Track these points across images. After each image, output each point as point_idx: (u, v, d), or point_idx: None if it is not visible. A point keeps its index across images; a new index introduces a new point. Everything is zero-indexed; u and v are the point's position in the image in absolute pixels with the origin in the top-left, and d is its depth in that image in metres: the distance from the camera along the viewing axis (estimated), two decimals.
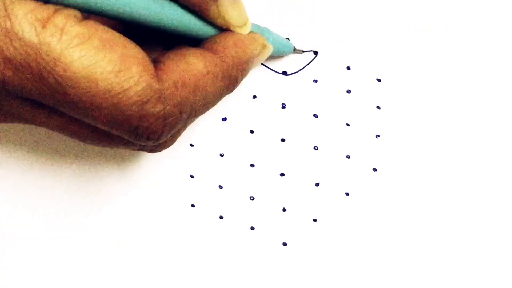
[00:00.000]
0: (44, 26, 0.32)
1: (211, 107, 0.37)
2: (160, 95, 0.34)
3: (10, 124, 0.46)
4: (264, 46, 0.40)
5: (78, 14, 0.33)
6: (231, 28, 0.38)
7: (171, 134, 0.36)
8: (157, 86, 0.34)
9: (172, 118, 0.35)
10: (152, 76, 0.34)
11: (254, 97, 0.45)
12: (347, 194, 0.45)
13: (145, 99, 0.33)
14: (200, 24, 0.38)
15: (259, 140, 0.45)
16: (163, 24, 0.36)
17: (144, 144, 0.36)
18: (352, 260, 0.45)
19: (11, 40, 0.32)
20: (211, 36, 0.38)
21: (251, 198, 0.45)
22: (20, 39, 0.32)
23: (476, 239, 0.45)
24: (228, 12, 0.37)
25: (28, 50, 0.32)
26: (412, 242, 0.45)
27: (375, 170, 0.45)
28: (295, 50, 0.44)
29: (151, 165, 0.45)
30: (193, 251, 0.45)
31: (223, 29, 0.38)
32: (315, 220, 0.45)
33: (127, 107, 0.33)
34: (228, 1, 0.37)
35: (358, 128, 0.45)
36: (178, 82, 0.35)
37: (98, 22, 0.34)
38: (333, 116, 0.45)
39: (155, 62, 0.35)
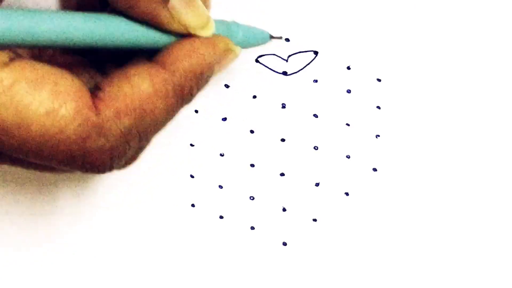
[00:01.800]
0: None
1: (165, 125, 0.35)
2: (101, 128, 0.32)
3: None
4: (227, 50, 0.36)
5: (5, 58, 0.31)
6: (191, 31, 0.35)
7: (122, 162, 0.34)
8: (95, 119, 0.32)
9: (118, 149, 0.33)
10: (89, 109, 0.32)
11: (254, 97, 0.45)
12: (347, 194, 0.45)
13: (84, 136, 0.31)
14: (155, 35, 0.35)
15: (259, 140, 0.45)
16: (112, 44, 0.34)
17: (98, 173, 0.34)
18: (352, 260, 0.45)
19: None
20: (165, 46, 0.35)
21: (251, 198, 0.45)
22: None
23: (476, 239, 0.45)
24: (182, 14, 0.34)
25: None
26: (412, 242, 0.45)
27: (375, 170, 0.45)
28: (271, 38, 0.42)
29: (151, 165, 0.45)
30: (193, 251, 0.45)
31: (183, 34, 0.35)
32: (315, 220, 0.45)
33: (68, 146, 0.31)
34: (180, 2, 0.34)
35: (358, 128, 0.45)
36: (120, 110, 0.32)
37: (26, 59, 0.32)
38: (333, 116, 0.45)
39: (96, 89, 0.33)
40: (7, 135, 0.31)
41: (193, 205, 0.45)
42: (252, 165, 0.45)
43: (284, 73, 0.45)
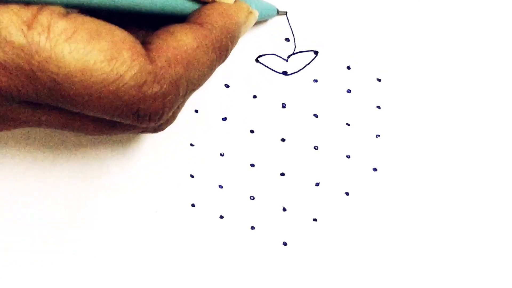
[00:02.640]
0: (30, 27, 0.32)
1: (206, 79, 0.37)
2: (155, 75, 0.34)
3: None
4: (249, 13, 0.40)
5: (61, 9, 0.33)
6: (216, 0, 0.38)
7: (172, 111, 0.36)
8: (150, 67, 0.34)
9: (170, 96, 0.35)
10: (144, 58, 0.34)
11: (254, 97, 0.45)
12: (347, 194, 0.45)
13: (141, 82, 0.34)
14: (182, 1, 0.38)
15: (259, 140, 0.45)
16: (145, 7, 0.36)
17: (146, 126, 0.36)
18: (352, 260, 0.45)
19: (0, 45, 0.32)
20: (195, 10, 0.38)
21: (251, 198, 0.45)
22: (8, 43, 0.32)
23: (476, 239, 0.45)
24: None
25: (19, 52, 0.32)
26: (412, 242, 0.45)
27: (375, 170, 0.45)
28: (278, 13, 0.44)
29: (151, 165, 0.45)
30: (193, 251, 0.45)
31: (206, 2, 0.38)
32: (315, 220, 0.45)
33: (125, 92, 0.33)
34: None
35: (358, 128, 0.45)
36: (170, 59, 0.35)
37: (81, 14, 0.34)
38: (333, 116, 0.45)
39: (144, 44, 0.35)
40: (70, 82, 0.32)
41: (193, 205, 0.45)
42: (252, 165, 0.45)
43: (284, 73, 0.45)
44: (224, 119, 0.45)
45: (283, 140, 0.45)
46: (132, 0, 0.35)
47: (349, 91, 0.45)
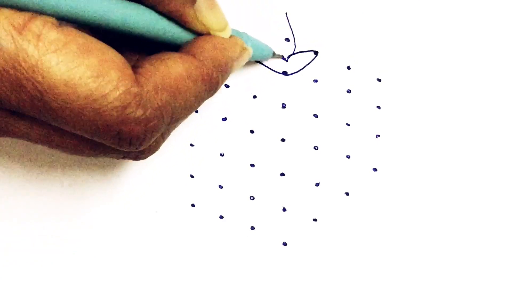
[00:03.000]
0: (20, 33, 0.32)
1: (192, 111, 0.37)
2: (140, 99, 0.33)
3: None
4: (243, 49, 0.39)
5: (54, 20, 0.33)
6: (211, 32, 0.38)
7: (154, 139, 0.35)
8: (136, 90, 0.33)
9: (153, 122, 0.34)
10: (131, 80, 0.33)
11: (254, 97, 0.45)
12: (347, 194, 0.45)
13: (125, 104, 0.33)
14: (178, 30, 0.37)
15: (259, 140, 0.45)
16: (140, 32, 0.36)
17: (127, 150, 0.35)
18: (352, 260, 0.45)
19: None
20: (190, 40, 0.38)
21: (251, 198, 0.45)
22: None
23: (476, 239, 0.45)
24: (206, 16, 0.37)
25: (6, 57, 0.31)
26: (412, 242, 0.45)
27: (375, 170, 0.45)
28: (274, 55, 0.44)
29: (151, 165, 0.45)
30: (193, 251, 0.45)
31: (202, 34, 0.38)
32: (315, 220, 0.45)
33: (108, 112, 0.33)
34: (205, 5, 0.37)
35: (358, 128, 0.45)
36: (158, 85, 0.34)
37: (75, 28, 0.33)
38: (333, 116, 0.45)
39: (135, 67, 0.35)
40: (54, 93, 0.32)
41: (193, 205, 0.45)
42: (252, 165, 0.45)
43: (284, 73, 0.45)
44: (224, 119, 0.45)
45: (283, 140, 0.45)
46: (126, 20, 0.35)
47: (349, 91, 0.45)
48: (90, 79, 0.32)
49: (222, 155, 0.45)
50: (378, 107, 0.45)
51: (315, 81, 0.45)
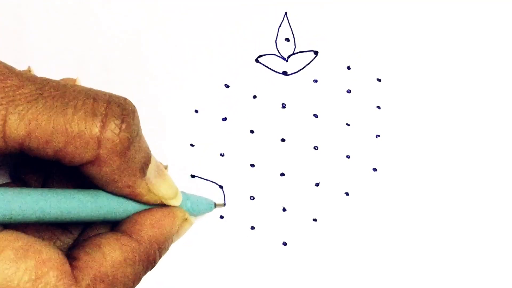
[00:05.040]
0: None
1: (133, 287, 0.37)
2: None
3: None
4: (184, 220, 0.40)
5: None
6: (164, 201, 0.38)
7: None
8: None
9: None
10: (69, 278, 0.34)
11: (254, 97, 0.45)
12: (347, 194, 0.45)
13: None
14: (119, 210, 0.37)
15: (259, 140, 0.45)
16: (80, 220, 0.36)
17: None
18: (352, 260, 0.45)
19: None
20: (128, 217, 0.38)
21: (251, 198, 0.45)
22: None
23: (476, 239, 0.45)
24: (157, 186, 0.38)
25: None
26: (412, 242, 0.45)
27: (375, 170, 0.45)
28: (216, 206, 0.44)
29: None
30: (193, 251, 0.45)
31: (148, 204, 0.38)
32: (315, 220, 0.45)
33: None
34: (155, 175, 0.37)
35: (358, 128, 0.45)
36: (96, 278, 0.35)
37: (11, 230, 0.33)
38: (333, 116, 0.45)
39: (71, 258, 0.35)
40: None
41: None
42: (252, 165, 0.45)
43: (284, 73, 0.45)
44: (224, 119, 0.45)
45: (283, 140, 0.45)
46: (61, 213, 0.35)
47: (349, 91, 0.45)
48: (28, 283, 0.32)
49: (222, 155, 0.45)
50: (378, 107, 0.45)
51: (315, 81, 0.45)
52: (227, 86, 0.45)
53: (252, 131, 0.45)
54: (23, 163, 0.40)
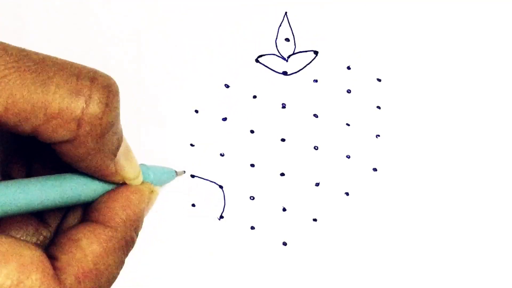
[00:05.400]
0: None
1: (117, 275, 0.37)
2: None
3: None
4: (151, 192, 0.39)
5: None
6: (127, 181, 0.38)
7: None
8: None
9: None
10: (52, 278, 0.33)
11: (254, 97, 0.45)
12: (347, 194, 0.45)
13: None
14: (85, 192, 0.37)
15: (259, 140, 0.45)
16: (47, 207, 0.36)
17: None
18: (352, 260, 0.45)
19: None
20: (96, 201, 0.37)
21: (251, 198, 0.45)
22: None
23: (476, 239, 0.45)
24: (124, 168, 0.37)
25: None
26: (412, 242, 0.45)
27: (375, 170, 0.45)
28: (177, 174, 0.44)
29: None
30: (193, 251, 0.45)
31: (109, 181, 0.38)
32: (315, 220, 0.45)
33: None
34: (124, 157, 0.37)
35: (358, 128, 0.45)
36: (79, 276, 0.34)
37: None
38: (333, 116, 0.45)
39: (51, 258, 0.34)
40: None
41: (193, 205, 0.45)
42: (252, 165, 0.45)
43: (284, 73, 0.45)
44: (224, 119, 0.45)
45: (283, 140, 0.45)
46: (31, 205, 0.35)
47: (349, 91, 0.45)
48: (11, 287, 0.32)
49: (222, 155, 0.45)
50: (378, 107, 0.45)
51: (315, 81, 0.45)
52: (227, 86, 0.45)
53: (252, 131, 0.45)
54: (6, 157, 0.39)
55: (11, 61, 0.32)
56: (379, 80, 0.45)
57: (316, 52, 0.45)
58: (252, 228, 0.45)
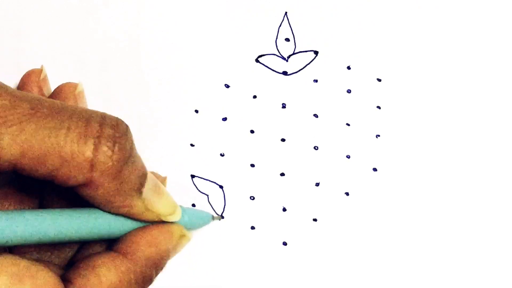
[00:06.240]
0: None
1: None
2: None
3: None
4: (182, 236, 0.39)
5: None
6: (162, 218, 0.38)
7: None
8: None
9: None
10: None
11: (254, 97, 0.45)
12: (347, 194, 0.45)
13: None
14: (117, 225, 0.37)
15: (259, 140, 0.45)
16: (73, 238, 0.36)
17: None
18: (352, 260, 0.45)
19: None
20: (123, 235, 0.37)
21: (251, 198, 0.45)
22: None
23: (476, 239, 0.45)
24: (154, 204, 0.37)
25: None
26: (412, 242, 0.45)
27: (375, 170, 0.45)
28: (213, 219, 0.44)
29: (151, 165, 0.45)
30: (193, 251, 0.45)
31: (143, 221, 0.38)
32: (315, 220, 0.45)
33: None
34: (152, 193, 0.37)
35: (358, 128, 0.45)
36: None
37: (5, 253, 0.33)
38: (333, 116, 0.45)
39: (65, 281, 0.35)
40: None
41: (193, 205, 0.45)
42: (252, 165, 0.45)
43: (284, 73, 0.45)
44: (224, 119, 0.45)
45: (283, 140, 0.45)
46: (58, 234, 0.35)
47: (349, 91, 0.45)
48: None
49: (222, 155, 0.45)
50: (378, 107, 0.45)
51: (315, 81, 0.45)
52: (227, 86, 0.45)
53: (252, 131, 0.45)
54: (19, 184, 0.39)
55: (28, 108, 0.33)
56: (379, 80, 0.45)
57: (316, 52, 0.45)
58: (252, 228, 0.45)
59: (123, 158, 0.35)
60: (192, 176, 0.45)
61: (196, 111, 0.45)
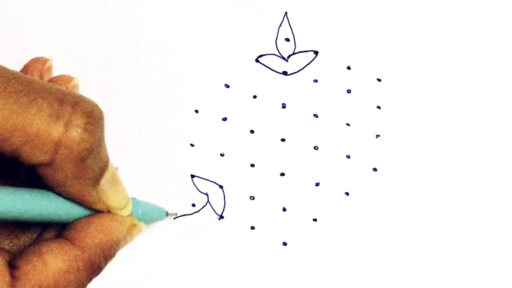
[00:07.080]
0: None
1: None
2: None
3: None
4: (132, 226, 0.38)
5: None
6: (112, 211, 0.37)
7: None
8: None
9: None
10: (6, 286, 0.33)
11: (254, 97, 0.45)
12: (347, 194, 0.45)
13: None
14: (68, 210, 0.36)
15: (259, 140, 0.45)
16: (33, 218, 0.35)
17: None
18: (352, 260, 0.45)
19: None
20: (74, 222, 0.37)
21: (251, 198, 0.45)
22: None
23: (476, 239, 0.45)
24: (109, 196, 0.36)
25: None
26: (412, 242, 0.45)
27: (375, 170, 0.45)
28: (167, 215, 0.44)
29: (151, 165, 0.45)
30: (193, 251, 0.45)
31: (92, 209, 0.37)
32: (315, 220, 0.45)
33: None
34: (109, 185, 0.36)
35: (358, 128, 0.45)
36: (35, 287, 0.34)
37: None
38: (333, 116, 0.45)
39: (13, 268, 0.34)
40: None
41: (193, 205, 0.45)
42: (252, 165, 0.45)
43: (284, 73, 0.45)
44: (224, 119, 0.45)
45: (283, 140, 0.45)
46: (7, 211, 0.34)
47: (349, 91, 0.45)
48: None
49: (222, 155, 0.45)
50: (378, 107, 0.45)
51: (315, 81, 0.45)
52: (227, 86, 0.45)
53: (252, 131, 0.45)
54: None
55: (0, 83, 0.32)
56: (379, 80, 0.45)
57: (316, 52, 0.45)
58: (252, 228, 0.45)
59: (90, 147, 0.34)
60: (192, 176, 0.45)
61: (196, 111, 0.45)
